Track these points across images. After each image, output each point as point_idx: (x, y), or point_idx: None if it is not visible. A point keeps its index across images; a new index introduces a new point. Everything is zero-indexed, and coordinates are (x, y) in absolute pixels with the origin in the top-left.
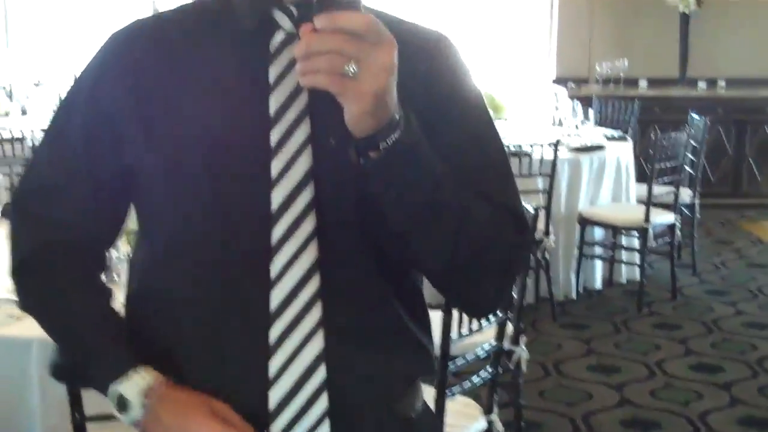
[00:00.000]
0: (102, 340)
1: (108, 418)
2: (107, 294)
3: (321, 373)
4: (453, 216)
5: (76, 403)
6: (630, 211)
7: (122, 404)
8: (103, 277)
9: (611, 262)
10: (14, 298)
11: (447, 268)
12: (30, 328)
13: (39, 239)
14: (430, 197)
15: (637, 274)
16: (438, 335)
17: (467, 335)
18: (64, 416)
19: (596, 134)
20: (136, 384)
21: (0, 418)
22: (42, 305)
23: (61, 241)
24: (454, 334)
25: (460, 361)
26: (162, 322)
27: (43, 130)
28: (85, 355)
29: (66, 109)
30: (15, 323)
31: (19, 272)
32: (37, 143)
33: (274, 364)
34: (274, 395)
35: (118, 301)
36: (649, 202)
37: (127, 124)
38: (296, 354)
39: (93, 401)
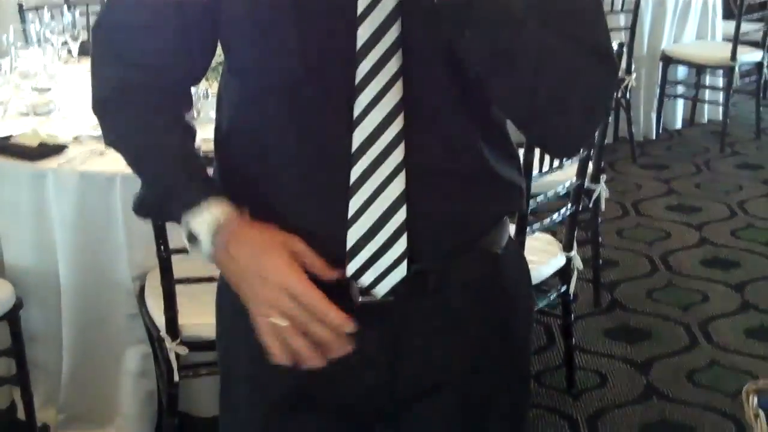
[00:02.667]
0: (179, 174)
1: None
2: (191, 133)
3: (401, 214)
4: (533, 57)
5: (161, 236)
6: (715, 49)
7: (192, 238)
8: (189, 115)
9: (694, 102)
10: (97, 134)
11: (528, 109)
12: (114, 162)
13: (122, 78)
14: (508, 39)
15: (719, 114)
16: None
17: (548, 172)
18: (150, 250)
19: None
20: (204, 218)
21: (87, 252)
22: (125, 139)
23: (144, 82)
24: (535, 171)
25: (540, 199)
26: (248, 160)
27: None
28: (163, 186)
29: None
30: (98, 159)
31: (101, 108)
32: None
33: (354, 204)
34: (352, 235)
35: (200, 137)
36: (736, 40)
37: None
38: (377, 194)
39: (178, 235)
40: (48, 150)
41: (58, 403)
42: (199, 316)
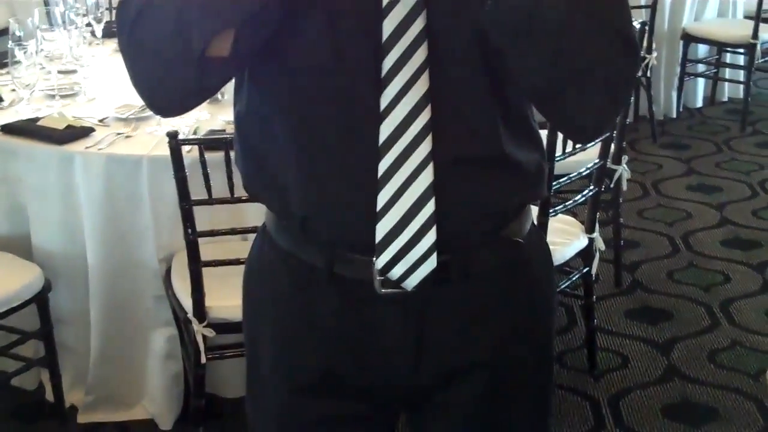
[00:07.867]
0: None
1: (219, 233)
2: None
3: (430, 207)
4: (553, 32)
5: (188, 219)
6: (737, 27)
7: None
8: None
9: (714, 80)
10: (123, 116)
11: (547, 83)
12: (140, 145)
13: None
14: (528, 11)
15: (741, 92)
16: None
17: (570, 154)
18: (176, 233)
19: None
20: None
21: (114, 235)
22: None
23: None
24: (557, 152)
25: (563, 180)
26: (271, 148)
27: None
28: None
29: None
30: (125, 141)
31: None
32: None
33: (382, 197)
34: (381, 229)
35: (221, 119)
36: (758, 17)
37: None
38: (405, 187)
39: (204, 219)
40: (75, 133)
41: (85, 384)
42: (225, 298)
